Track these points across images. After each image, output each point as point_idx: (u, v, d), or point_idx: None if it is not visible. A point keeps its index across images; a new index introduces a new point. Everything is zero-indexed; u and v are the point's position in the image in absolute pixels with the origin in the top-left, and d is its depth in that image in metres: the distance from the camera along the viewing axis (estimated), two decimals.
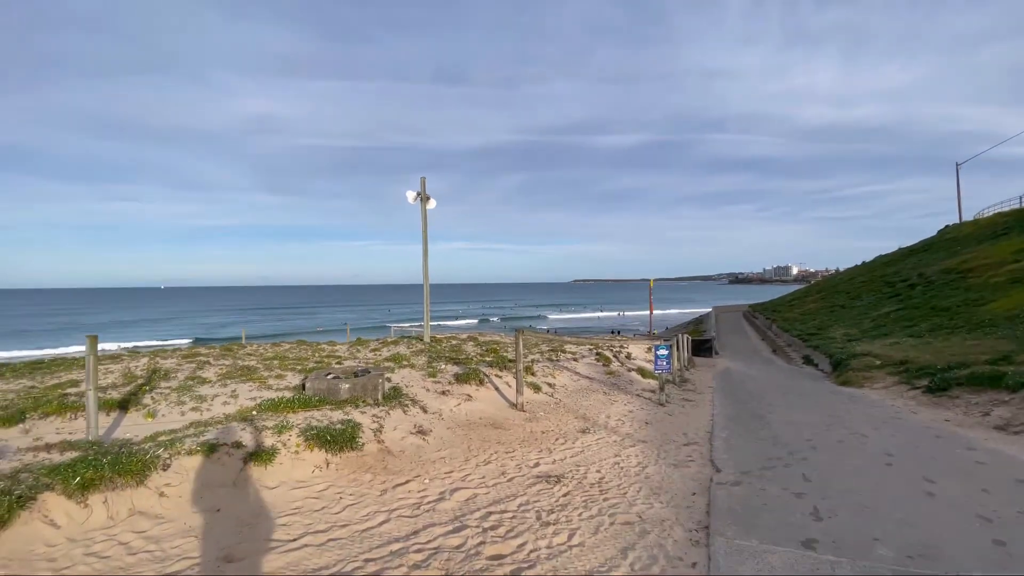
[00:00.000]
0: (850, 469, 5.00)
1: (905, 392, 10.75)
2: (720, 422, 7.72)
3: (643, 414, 8.09)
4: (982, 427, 7.14)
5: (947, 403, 8.94)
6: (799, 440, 6.38)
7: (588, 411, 7.81)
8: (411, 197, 15.39)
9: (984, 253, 26.55)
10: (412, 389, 7.13)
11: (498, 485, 4.44)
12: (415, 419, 5.88)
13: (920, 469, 4.96)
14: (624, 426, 7.07)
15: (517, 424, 6.52)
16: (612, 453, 5.64)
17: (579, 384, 10.12)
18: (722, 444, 6.16)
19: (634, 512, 3.94)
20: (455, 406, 6.74)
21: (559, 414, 7.35)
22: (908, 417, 8.18)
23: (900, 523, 3.59)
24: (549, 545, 3.33)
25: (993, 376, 8.91)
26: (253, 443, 4.48)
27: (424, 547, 3.27)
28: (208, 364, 9.23)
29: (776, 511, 3.87)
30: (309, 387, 6.12)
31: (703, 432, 7.03)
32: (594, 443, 6.02)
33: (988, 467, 4.99)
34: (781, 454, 5.63)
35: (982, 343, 12.56)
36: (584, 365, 12.45)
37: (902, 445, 6.04)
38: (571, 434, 6.35)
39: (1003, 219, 33.58)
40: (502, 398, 7.57)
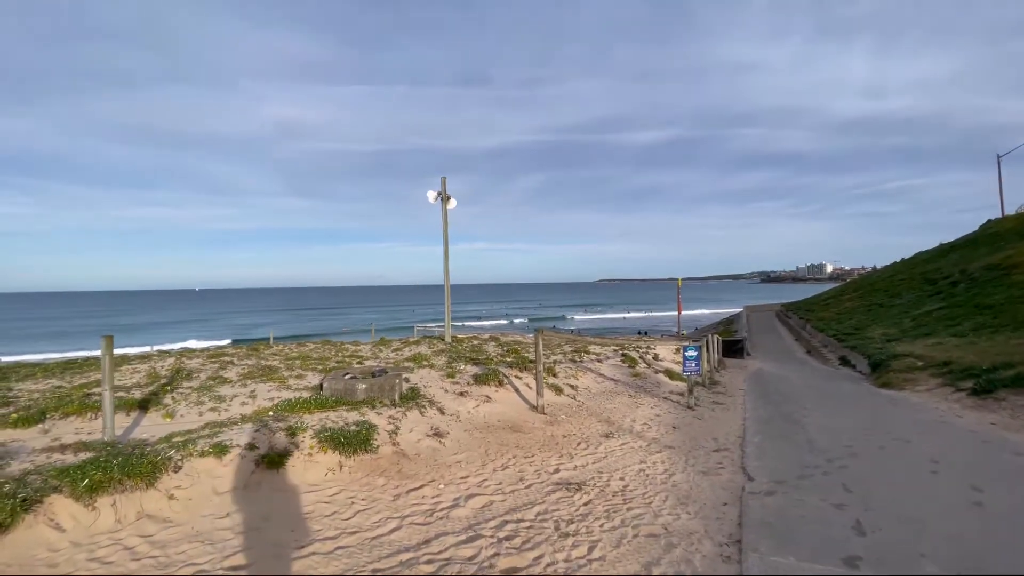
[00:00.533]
0: (893, 478, 4.63)
1: (949, 395, 10.11)
2: (752, 426, 7.35)
3: (670, 418, 7.78)
4: None
5: (993, 405, 8.34)
6: (837, 446, 5.99)
7: (612, 415, 7.55)
8: (432, 197, 15.36)
9: None
10: (430, 390, 7.01)
11: (516, 492, 4.25)
12: (432, 421, 5.75)
13: (967, 476, 4.56)
14: (650, 431, 6.79)
15: (537, 427, 6.31)
16: (637, 459, 5.38)
17: (603, 386, 9.84)
18: (754, 450, 5.83)
19: (660, 523, 3.69)
20: (473, 408, 6.58)
21: (581, 417, 7.12)
22: (952, 420, 7.64)
23: (949, 538, 3.26)
24: (568, 559, 3.12)
25: None
26: (266, 445, 4.41)
27: (435, 558, 3.11)
28: (232, 364, 9.33)
29: (814, 524, 3.56)
30: (326, 387, 6.06)
31: (734, 437, 6.68)
32: (618, 448, 5.76)
33: None
34: (819, 461, 5.27)
35: None
36: (609, 366, 12.14)
37: (947, 451, 5.60)
38: (594, 439, 6.11)
39: None
40: (522, 400, 7.38)
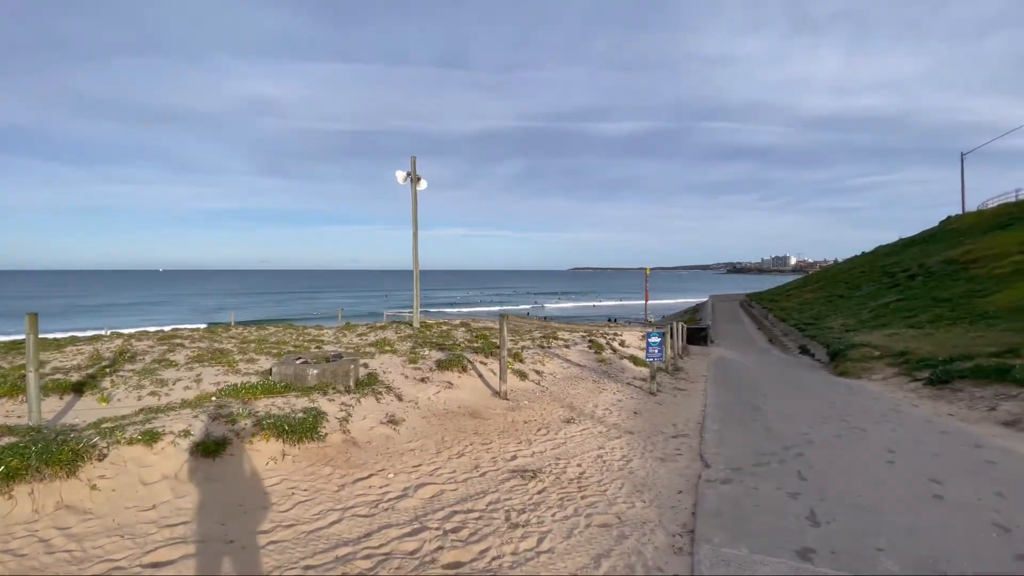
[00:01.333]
0: (849, 466, 4.66)
1: (905, 384, 10.44)
2: (712, 413, 7.38)
3: (632, 403, 7.76)
4: (988, 422, 6.81)
5: (950, 396, 8.61)
6: (795, 434, 6.04)
7: (575, 400, 7.47)
8: (400, 177, 14.92)
9: (987, 244, 26.14)
10: (389, 376, 6.77)
11: (469, 480, 4.09)
12: (388, 408, 5.52)
13: (925, 468, 4.62)
14: (611, 416, 6.73)
15: (498, 413, 6.17)
16: (596, 445, 5.29)
17: (568, 372, 9.78)
18: (713, 437, 5.82)
19: (613, 512, 3.59)
20: (434, 394, 6.38)
21: (544, 403, 7.01)
22: (909, 410, 7.85)
23: (907, 530, 3.25)
24: (515, 551, 2.98)
25: (999, 369, 8.58)
26: (202, 432, 4.12)
27: (374, 552, 2.92)
28: (182, 347, 8.86)
29: (769, 514, 3.52)
30: (276, 373, 5.76)
31: (694, 423, 6.69)
32: (578, 434, 5.67)
33: (1000, 467, 4.65)
34: (775, 449, 5.28)
35: (985, 335, 12.23)
36: (576, 352, 12.11)
37: (904, 441, 5.71)
38: (554, 424, 6.00)
39: (1008, 210, 33.12)
40: (486, 386, 7.22)
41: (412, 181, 14.95)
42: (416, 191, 14.92)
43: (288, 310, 68.51)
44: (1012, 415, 6.88)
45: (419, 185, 15.21)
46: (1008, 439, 5.90)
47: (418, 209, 14.94)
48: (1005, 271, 20.41)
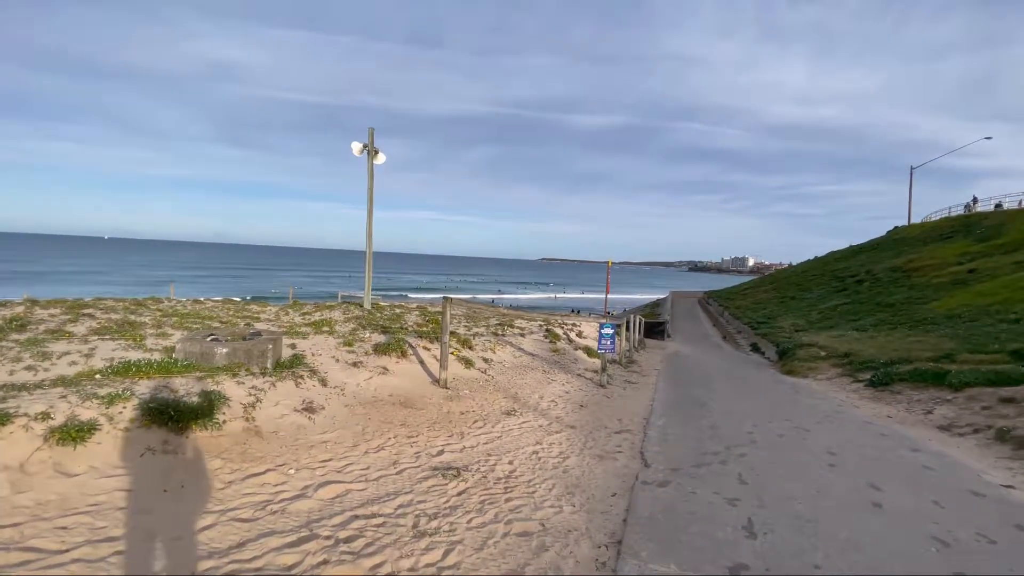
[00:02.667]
0: (790, 470, 4.48)
1: (848, 384, 10.63)
2: (659, 408, 7.19)
3: (580, 396, 7.48)
4: (925, 426, 6.88)
5: (889, 398, 8.76)
6: (739, 433, 5.89)
7: (520, 390, 7.11)
8: (356, 149, 14.08)
9: (929, 254, 27.47)
10: (318, 358, 6.20)
11: (382, 479, 3.64)
12: (307, 394, 4.98)
13: (865, 472, 4.49)
14: (555, 408, 6.41)
15: (434, 403, 5.72)
16: (534, 440, 4.94)
17: (519, 361, 9.43)
18: (656, 434, 5.58)
19: (538, 518, 3.23)
20: (365, 380, 5.87)
21: (487, 393, 6.61)
22: (850, 411, 7.91)
23: (845, 544, 3.02)
24: (413, 567, 2.56)
25: (936, 374, 8.77)
26: (66, 415, 3.49)
27: (243, 567, 2.44)
28: (90, 317, 7.96)
29: (704, 523, 3.24)
30: (179, 350, 5.10)
31: (639, 419, 6.46)
32: (516, 427, 5.30)
33: (936, 473, 4.58)
34: (718, 448, 5.08)
35: (924, 340, 12.66)
36: (531, 341, 11.78)
37: (845, 443, 5.63)
38: (493, 416, 5.62)
39: (949, 224, 34.94)
40: (425, 373, 6.75)
41: (369, 154, 14.14)
42: (372, 165, 14.13)
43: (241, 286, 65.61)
44: (947, 419, 6.98)
45: (377, 159, 14.41)
46: (943, 443, 5.93)
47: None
48: (944, 280, 21.43)
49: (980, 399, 7.32)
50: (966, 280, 20.04)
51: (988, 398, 7.25)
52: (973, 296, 17.04)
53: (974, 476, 4.58)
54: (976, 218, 32.59)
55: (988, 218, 30.65)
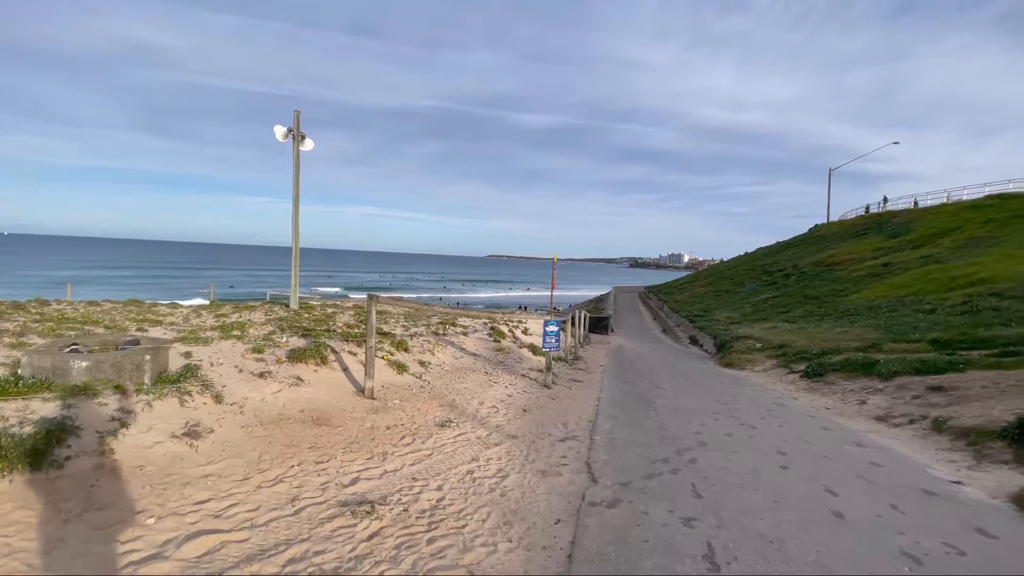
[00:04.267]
0: (744, 476, 4.17)
1: (784, 376, 10.84)
2: (606, 408, 6.83)
3: (523, 399, 6.98)
4: (862, 417, 6.94)
5: (824, 389, 8.92)
6: (687, 433, 5.60)
7: (459, 396, 6.51)
8: (280, 133, 12.86)
9: (848, 249, 29.45)
10: (218, 369, 5.29)
11: (274, 523, 2.92)
12: (194, 414, 4.13)
13: (817, 474, 4.27)
14: (496, 415, 5.86)
15: (355, 418, 5.00)
16: (469, 456, 4.36)
17: (461, 362, 8.81)
18: (604, 439, 5.17)
19: (466, 564, 2.65)
20: (273, 393, 5.04)
21: (420, 401, 5.95)
22: (791, 404, 7.92)
23: (816, 569, 2.67)
24: None
25: (866, 363, 9.03)
26: None
27: None
28: None
29: (661, 553, 2.79)
30: (27, 364, 4.08)
31: (585, 421, 6.04)
32: (451, 441, 4.70)
33: (885, 471, 4.43)
34: (668, 453, 4.72)
35: (850, 330, 13.27)
36: (474, 340, 11.19)
37: (791, 440, 5.47)
38: (425, 429, 4.98)
39: (863, 221, 37.75)
40: (349, 382, 5.99)
41: (295, 139, 12.95)
42: (299, 151, 12.96)
43: (165, 286, 60.39)
44: (881, 409, 7.08)
45: (304, 145, 13.24)
46: (882, 435, 5.92)
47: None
48: (862, 273, 22.94)
49: (909, 388, 7.52)
50: (881, 273, 21.50)
51: (917, 387, 7.46)
52: (889, 288, 18.24)
53: (921, 472, 4.48)
54: (887, 216, 35.39)
55: (897, 216, 33.35)
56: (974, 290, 13.91)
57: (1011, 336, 8.78)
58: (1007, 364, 7.28)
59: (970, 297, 13.23)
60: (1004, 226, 20.76)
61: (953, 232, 23.37)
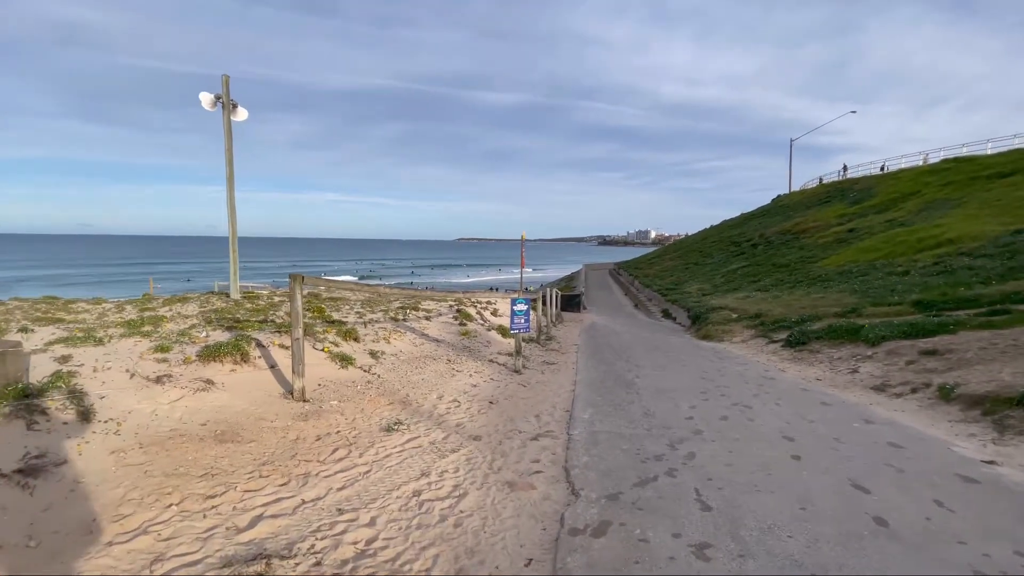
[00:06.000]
0: (754, 473, 3.45)
1: (765, 346, 10.38)
2: (583, 393, 6.07)
3: (490, 388, 6.14)
4: (858, 387, 6.40)
5: (810, 358, 8.43)
6: (677, 419, 4.88)
7: (415, 390, 5.60)
8: (207, 101, 11.36)
9: (813, 217, 29.64)
10: (102, 375, 4.21)
11: None
12: (43, 440, 3.09)
13: (837, 464, 3.59)
14: (457, 411, 5.00)
15: (276, 428, 4.03)
16: (418, 470, 3.48)
17: (421, 350, 7.87)
18: (583, 433, 4.39)
19: None
20: (170, 402, 4.02)
21: (366, 400, 5.01)
22: (779, 376, 7.36)
23: None
24: None
25: (850, 329, 8.57)
26: None
27: None
28: None
29: None
30: None
31: (561, 411, 5.26)
32: (397, 450, 3.81)
33: (908, 453, 3.80)
34: (661, 448, 3.97)
35: (826, 296, 12.96)
36: (438, 324, 10.26)
37: (794, 420, 4.82)
38: (367, 436, 4.07)
39: (824, 189, 38.24)
40: (277, 383, 4.99)
41: (224, 108, 11.48)
42: (230, 121, 11.51)
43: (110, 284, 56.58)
44: (875, 377, 6.57)
45: (236, 115, 11.76)
46: (886, 407, 5.37)
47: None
48: (829, 240, 22.99)
49: (901, 353, 7.05)
50: (848, 239, 21.55)
51: (908, 351, 6.99)
52: (857, 253, 18.18)
53: (946, 451, 3.88)
54: (848, 184, 35.90)
55: (858, 183, 33.81)
56: (943, 251, 13.82)
57: (994, 294, 8.46)
58: (999, 323, 6.87)
59: (941, 258, 13.10)
60: (963, 188, 21.03)
61: (914, 196, 23.64)
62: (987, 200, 17.67)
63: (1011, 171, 20.03)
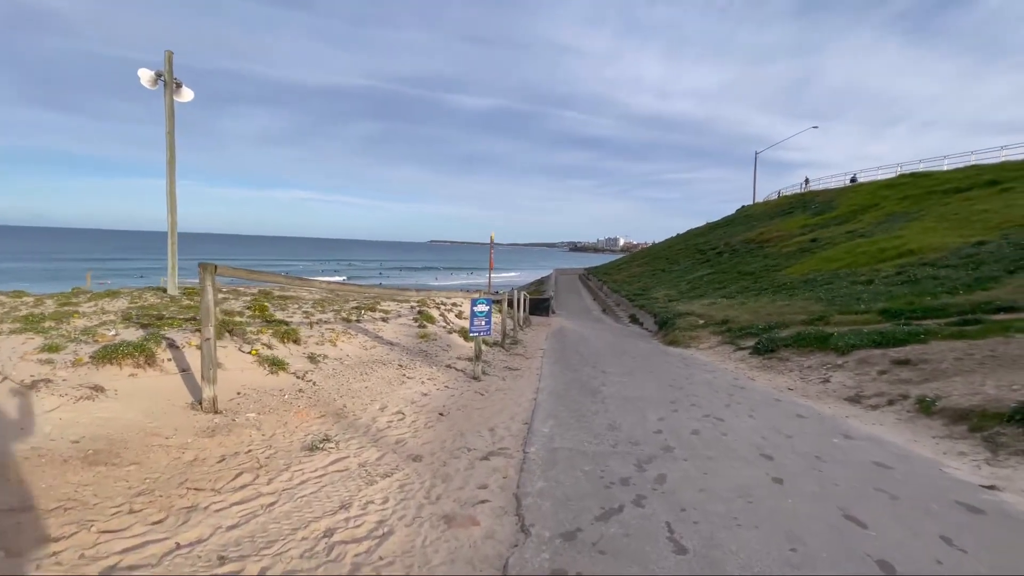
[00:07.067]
0: (733, 501, 2.99)
1: (732, 353, 10.14)
2: (545, 402, 5.56)
3: (442, 397, 5.55)
4: (831, 398, 6.12)
5: (779, 366, 8.18)
6: (645, 433, 4.42)
7: (354, 400, 4.96)
8: (147, 79, 10.38)
9: (776, 227, 30.23)
10: None
11: None
12: None
13: (824, 489, 3.18)
14: (400, 425, 4.39)
15: (171, 445, 3.33)
16: (338, 500, 2.87)
17: (371, 354, 7.21)
18: (541, 451, 3.86)
19: None
20: (44, 413, 3.27)
21: (291, 412, 4.34)
22: (749, 385, 7.04)
23: None
24: None
25: (819, 337, 8.38)
26: None
27: None
28: None
29: None
30: None
31: (519, 423, 4.72)
32: (316, 476, 3.18)
33: (898, 475, 3.43)
34: (627, 469, 3.48)
35: (791, 304, 12.91)
36: (394, 326, 9.59)
37: (769, 435, 4.43)
38: (283, 457, 3.42)
39: (787, 201, 39.23)
40: (188, 389, 4.27)
41: (167, 86, 10.51)
42: (172, 101, 10.54)
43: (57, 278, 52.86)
44: (848, 388, 6.31)
45: (180, 95, 10.82)
46: (864, 420, 5.06)
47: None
48: (792, 249, 23.36)
49: (872, 362, 6.84)
50: (811, 248, 21.92)
51: (880, 360, 6.78)
52: (820, 262, 18.42)
53: (939, 474, 3.53)
54: (809, 196, 36.91)
55: (819, 195, 34.77)
56: (904, 261, 14.03)
57: (963, 304, 8.43)
58: (971, 333, 6.74)
59: (903, 268, 13.26)
60: (920, 202, 21.70)
61: (873, 208, 24.31)
62: (944, 214, 18.21)
63: (967, 186, 20.77)
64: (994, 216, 16.05)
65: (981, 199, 18.77)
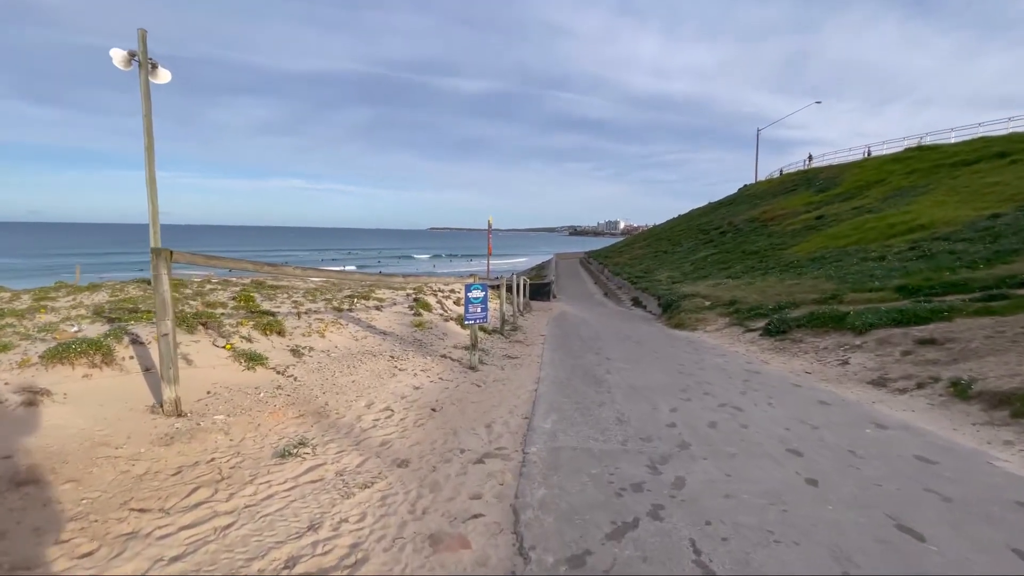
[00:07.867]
0: (764, 511, 2.60)
1: (742, 335, 9.73)
2: (546, 394, 5.17)
3: (436, 390, 5.15)
4: (853, 381, 5.72)
5: (792, 348, 7.77)
6: (657, 426, 4.03)
7: (338, 397, 4.56)
8: (120, 59, 9.80)
9: (780, 205, 29.62)
10: None
11: None
12: None
13: (865, 491, 2.78)
14: (387, 424, 3.99)
15: (121, 457, 2.94)
16: (306, 521, 2.48)
17: (361, 345, 6.80)
18: (542, 452, 3.46)
19: None
20: None
21: (266, 413, 3.95)
22: (764, 369, 6.65)
23: None
24: None
25: (835, 316, 7.95)
26: None
27: None
28: None
29: None
30: None
31: (518, 418, 4.33)
32: (286, 489, 2.79)
33: (946, 471, 3.04)
34: (639, 471, 3.09)
35: (801, 282, 12.47)
36: (388, 315, 9.18)
37: (793, 426, 4.03)
38: (250, 466, 3.03)
39: (791, 178, 38.49)
40: (150, 390, 3.87)
41: (141, 67, 9.94)
42: (147, 82, 9.98)
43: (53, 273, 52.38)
44: (871, 371, 5.90)
45: (156, 76, 10.25)
46: (892, 407, 4.66)
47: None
48: (798, 227, 22.82)
49: (893, 342, 6.42)
50: (817, 226, 21.38)
51: (902, 340, 6.37)
52: (827, 239, 17.92)
53: (988, 468, 3.14)
54: (813, 172, 36.18)
55: (823, 172, 34.06)
56: (916, 236, 13.54)
57: (986, 278, 7.98)
58: (999, 309, 6.31)
59: (916, 243, 12.78)
60: (928, 175, 21.10)
61: (879, 184, 23.70)
62: (954, 187, 17.65)
63: (975, 159, 20.15)
64: (1006, 188, 15.52)
65: (991, 171, 18.19)
